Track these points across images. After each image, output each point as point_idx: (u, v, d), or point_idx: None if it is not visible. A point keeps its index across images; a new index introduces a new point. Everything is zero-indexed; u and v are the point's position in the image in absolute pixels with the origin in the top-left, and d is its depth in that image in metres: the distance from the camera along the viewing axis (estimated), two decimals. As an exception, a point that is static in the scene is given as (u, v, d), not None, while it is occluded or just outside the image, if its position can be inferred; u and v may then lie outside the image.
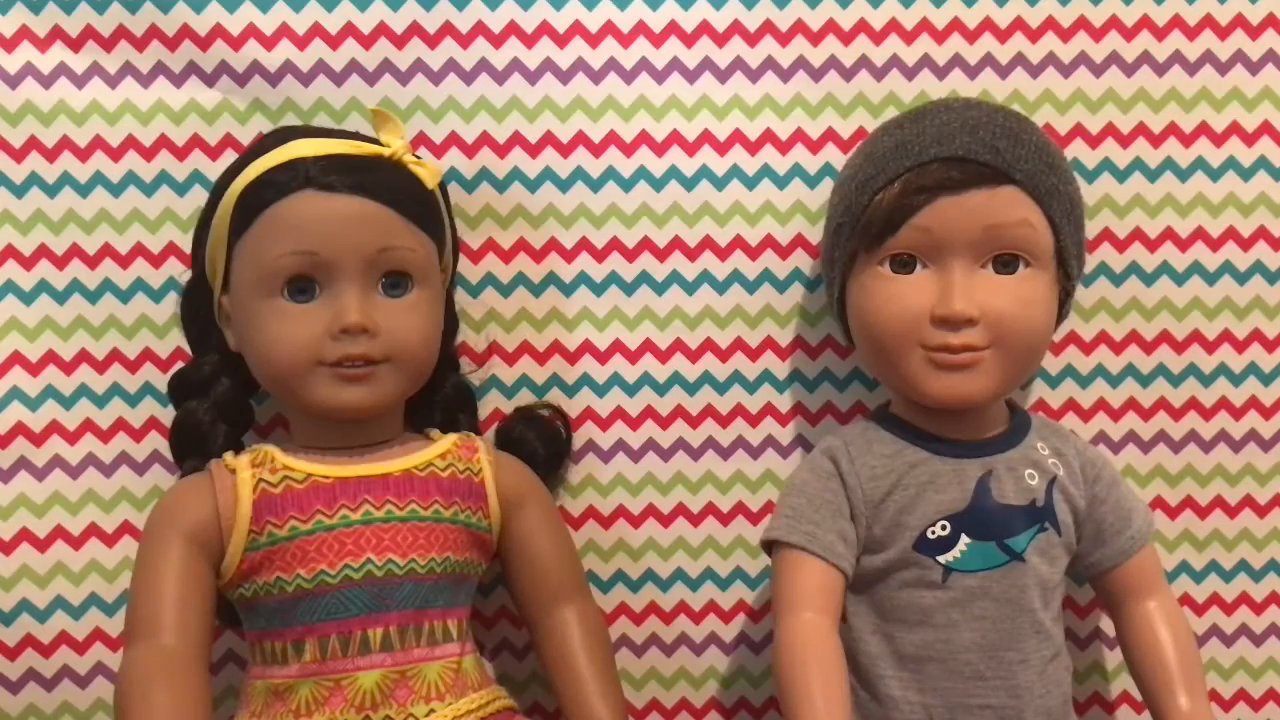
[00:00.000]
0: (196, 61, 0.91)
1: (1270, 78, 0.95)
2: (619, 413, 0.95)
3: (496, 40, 0.93)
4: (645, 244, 0.94)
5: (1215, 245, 0.96)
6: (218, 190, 0.84)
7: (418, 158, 0.85)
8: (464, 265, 0.94)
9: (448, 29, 0.92)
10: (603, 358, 0.95)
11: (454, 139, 0.93)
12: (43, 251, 0.92)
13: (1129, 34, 0.94)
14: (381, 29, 0.92)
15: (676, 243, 0.95)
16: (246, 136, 0.91)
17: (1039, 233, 0.80)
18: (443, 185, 0.89)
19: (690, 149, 0.94)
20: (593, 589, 0.93)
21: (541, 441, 0.92)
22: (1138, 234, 0.96)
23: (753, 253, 0.95)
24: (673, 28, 0.93)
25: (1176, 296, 0.96)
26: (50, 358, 0.92)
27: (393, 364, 0.82)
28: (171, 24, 0.91)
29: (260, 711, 0.80)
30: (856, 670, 0.83)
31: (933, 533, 0.81)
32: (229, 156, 0.91)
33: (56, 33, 0.91)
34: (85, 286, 0.92)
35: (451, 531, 0.83)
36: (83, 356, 0.92)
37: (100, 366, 0.92)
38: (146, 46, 0.91)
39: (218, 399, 0.87)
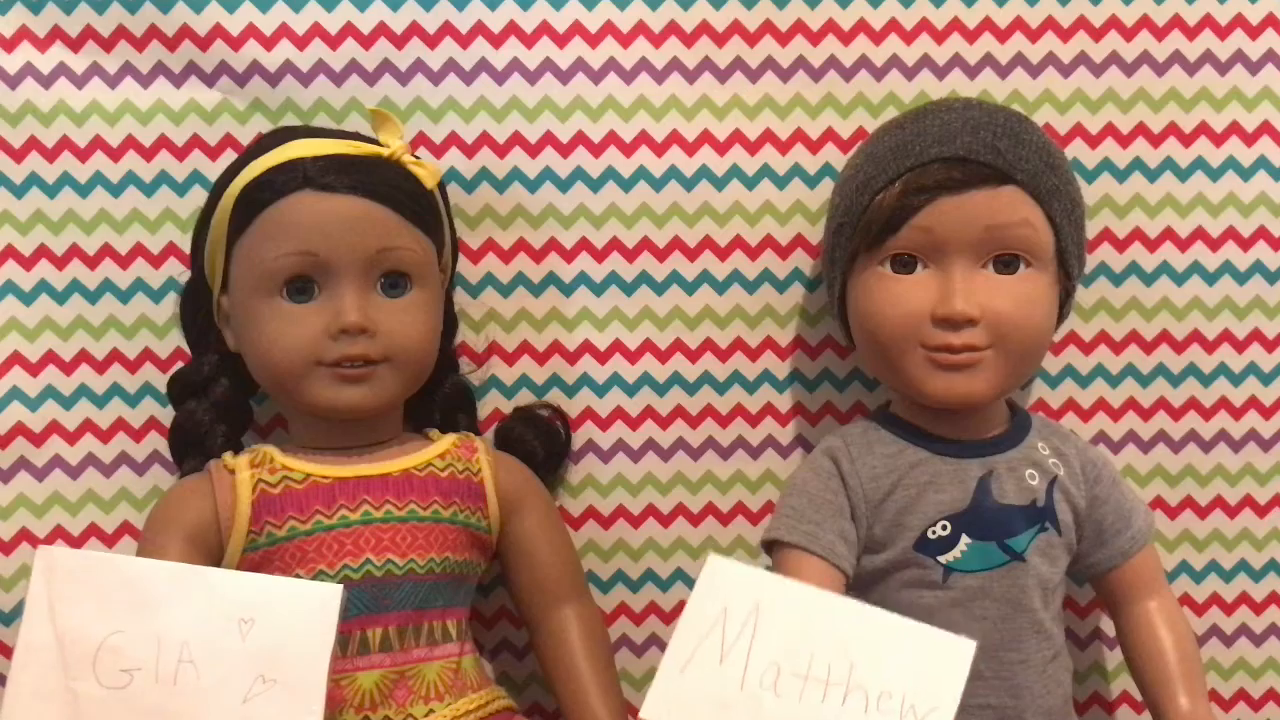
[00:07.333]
0: (196, 61, 0.91)
1: (1270, 78, 0.95)
2: (619, 413, 0.95)
3: (496, 40, 0.93)
4: (645, 244, 0.94)
5: (1215, 245, 0.96)
6: (217, 190, 0.84)
7: (417, 158, 0.85)
8: (464, 265, 0.94)
9: (448, 29, 0.92)
10: (603, 358, 0.95)
11: (454, 139, 0.93)
12: (43, 251, 0.92)
13: (1129, 34, 0.94)
14: (381, 29, 0.92)
15: (676, 243, 0.94)
16: (246, 136, 0.91)
17: (1040, 233, 0.80)
18: (442, 185, 0.89)
19: (690, 149, 0.94)
20: (593, 589, 0.92)
21: (541, 441, 0.92)
22: (1138, 234, 0.95)
23: (753, 253, 0.95)
24: (673, 28, 0.93)
25: (1176, 296, 0.96)
26: (50, 358, 0.92)
27: (392, 364, 0.82)
28: (171, 24, 0.91)
29: (260, 712, 0.80)
30: (856, 670, 0.83)
31: (933, 533, 0.81)
32: (229, 156, 0.90)
33: (56, 33, 0.90)
34: (85, 286, 0.92)
35: (451, 532, 0.83)
36: (83, 356, 0.92)
37: (100, 366, 0.92)
38: (146, 46, 0.91)
39: (217, 399, 0.88)
